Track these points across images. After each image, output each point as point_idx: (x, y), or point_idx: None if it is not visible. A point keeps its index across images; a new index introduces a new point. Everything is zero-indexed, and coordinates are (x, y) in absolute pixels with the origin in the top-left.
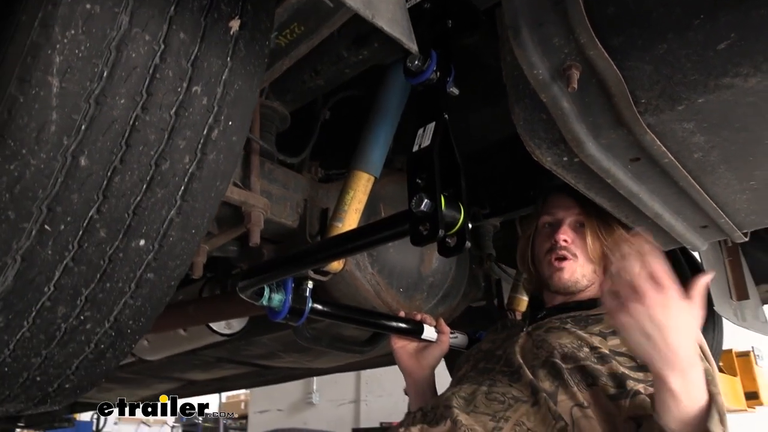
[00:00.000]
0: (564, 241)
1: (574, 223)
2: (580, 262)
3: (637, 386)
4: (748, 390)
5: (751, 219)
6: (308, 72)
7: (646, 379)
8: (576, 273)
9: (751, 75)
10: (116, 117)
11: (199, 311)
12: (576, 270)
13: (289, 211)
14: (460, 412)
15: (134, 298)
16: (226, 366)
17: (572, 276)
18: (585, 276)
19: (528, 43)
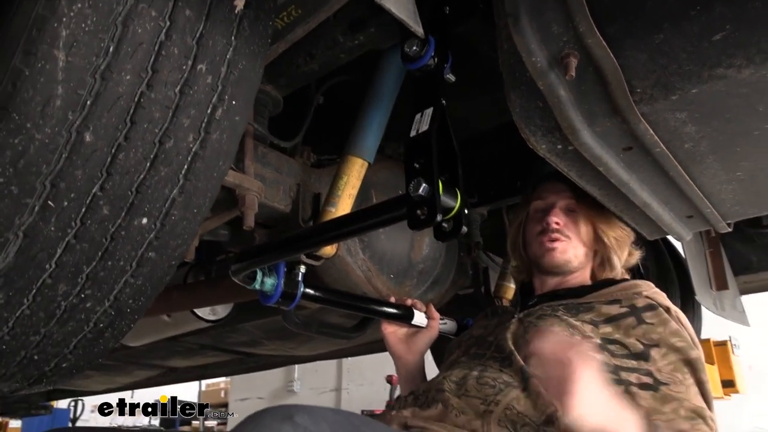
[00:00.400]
0: (556, 224)
1: (565, 207)
2: (573, 244)
3: (629, 377)
4: (724, 378)
5: (736, 209)
6: (303, 56)
7: (639, 367)
8: (568, 253)
9: (744, 66)
10: (122, 93)
11: (185, 297)
12: (568, 250)
13: (282, 195)
14: (452, 395)
15: (135, 277)
16: (208, 353)
17: (564, 255)
18: (577, 257)
19: (527, 30)
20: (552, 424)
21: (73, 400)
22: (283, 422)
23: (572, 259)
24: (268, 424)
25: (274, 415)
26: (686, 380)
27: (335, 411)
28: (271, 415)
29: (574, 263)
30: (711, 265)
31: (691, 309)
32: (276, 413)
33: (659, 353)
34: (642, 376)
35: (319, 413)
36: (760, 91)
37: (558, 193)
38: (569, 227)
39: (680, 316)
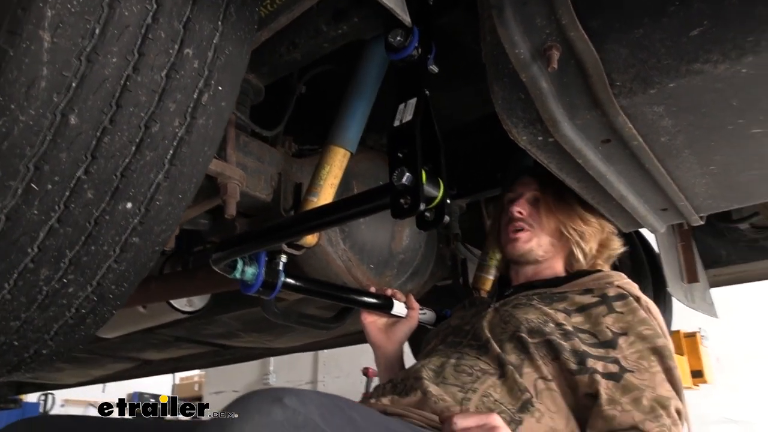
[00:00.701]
0: (519, 213)
1: (531, 198)
2: (536, 233)
3: (596, 364)
4: (693, 369)
5: (708, 203)
6: (285, 45)
7: (606, 356)
8: (531, 242)
9: (720, 62)
10: (107, 76)
11: (162, 287)
12: (531, 240)
13: (263, 184)
14: (430, 383)
15: (118, 262)
16: (183, 345)
17: (527, 244)
18: (541, 246)
19: (511, 22)
20: (527, 410)
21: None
22: (272, 404)
23: (535, 248)
24: (257, 406)
25: (263, 397)
26: (652, 368)
27: (322, 394)
28: (261, 398)
29: (538, 252)
30: (682, 258)
31: (663, 300)
32: (265, 396)
33: (626, 341)
34: (608, 365)
35: (307, 396)
36: (734, 86)
37: (526, 186)
38: (533, 217)
39: (650, 305)
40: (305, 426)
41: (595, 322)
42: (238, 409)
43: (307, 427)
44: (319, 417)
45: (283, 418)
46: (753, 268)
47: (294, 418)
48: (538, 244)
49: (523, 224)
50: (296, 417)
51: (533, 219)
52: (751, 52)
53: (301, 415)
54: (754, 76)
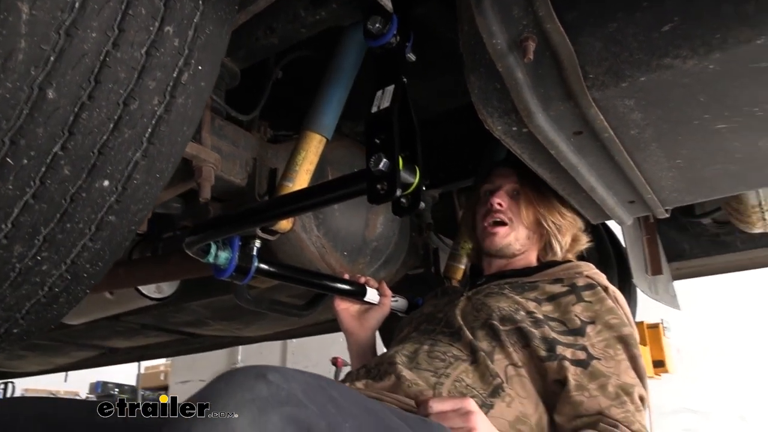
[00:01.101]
0: (498, 205)
1: (510, 190)
2: (514, 227)
3: (565, 351)
4: (655, 359)
5: (674, 196)
6: (263, 29)
7: (575, 343)
8: (509, 237)
9: (689, 57)
10: (87, 51)
11: (131, 273)
12: (509, 234)
13: (238, 169)
14: (404, 368)
15: (94, 240)
16: (150, 333)
17: (504, 239)
18: (518, 240)
19: (489, 12)
20: (498, 395)
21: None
22: (257, 380)
23: (513, 243)
24: (241, 381)
25: (247, 373)
26: (617, 356)
27: (304, 372)
28: (244, 374)
29: (515, 246)
30: (647, 250)
31: (628, 291)
32: (249, 372)
33: (594, 330)
34: (577, 351)
35: (290, 373)
36: (701, 82)
37: (505, 177)
38: (512, 209)
39: (617, 295)
40: (288, 402)
41: (565, 311)
42: (221, 385)
43: (290, 402)
44: (302, 393)
45: (267, 394)
46: (714, 261)
47: (278, 394)
48: (516, 238)
49: (502, 216)
50: (280, 392)
51: (512, 212)
52: (718, 49)
53: (284, 390)
54: (721, 73)
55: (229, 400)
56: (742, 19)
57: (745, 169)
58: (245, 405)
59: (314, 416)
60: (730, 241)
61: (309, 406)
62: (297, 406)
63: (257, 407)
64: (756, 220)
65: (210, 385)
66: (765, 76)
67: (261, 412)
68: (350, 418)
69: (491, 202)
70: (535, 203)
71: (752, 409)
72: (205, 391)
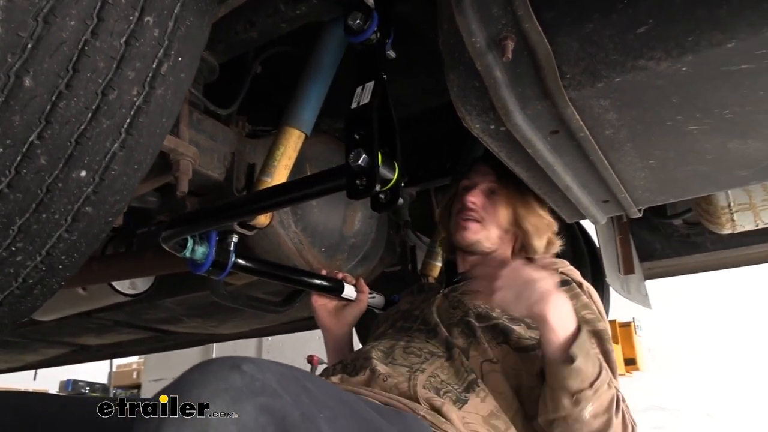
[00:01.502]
0: (472, 203)
1: (486, 189)
2: (485, 226)
3: None
4: (627, 357)
5: (647, 196)
6: (242, 23)
7: None
8: (479, 234)
9: (663, 59)
10: (65, 39)
11: (104, 268)
12: (479, 232)
13: (216, 163)
14: (379, 362)
15: (70, 232)
16: (123, 330)
17: (474, 236)
18: (488, 239)
19: (469, 10)
20: (472, 390)
21: None
22: (231, 370)
23: (482, 240)
24: (215, 371)
25: (221, 364)
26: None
27: (279, 363)
28: (219, 364)
29: (484, 244)
30: (620, 250)
31: (601, 290)
32: (223, 362)
33: None
34: None
35: (264, 364)
36: (675, 83)
37: (483, 176)
38: (486, 209)
39: (591, 291)
40: (263, 392)
41: None
42: (195, 375)
43: (264, 393)
44: (277, 383)
45: (241, 384)
46: (685, 261)
47: (252, 384)
48: (486, 237)
49: (474, 215)
50: (254, 383)
51: (486, 211)
52: (691, 51)
53: (258, 381)
54: (693, 75)
55: (203, 390)
56: (715, 23)
57: (715, 170)
58: (219, 395)
59: (288, 406)
60: (700, 241)
61: (283, 396)
62: (271, 396)
63: (231, 397)
64: (725, 221)
65: (184, 375)
66: (735, 79)
67: (234, 401)
68: (324, 408)
69: (465, 199)
70: (515, 203)
71: (719, 406)
72: (179, 381)
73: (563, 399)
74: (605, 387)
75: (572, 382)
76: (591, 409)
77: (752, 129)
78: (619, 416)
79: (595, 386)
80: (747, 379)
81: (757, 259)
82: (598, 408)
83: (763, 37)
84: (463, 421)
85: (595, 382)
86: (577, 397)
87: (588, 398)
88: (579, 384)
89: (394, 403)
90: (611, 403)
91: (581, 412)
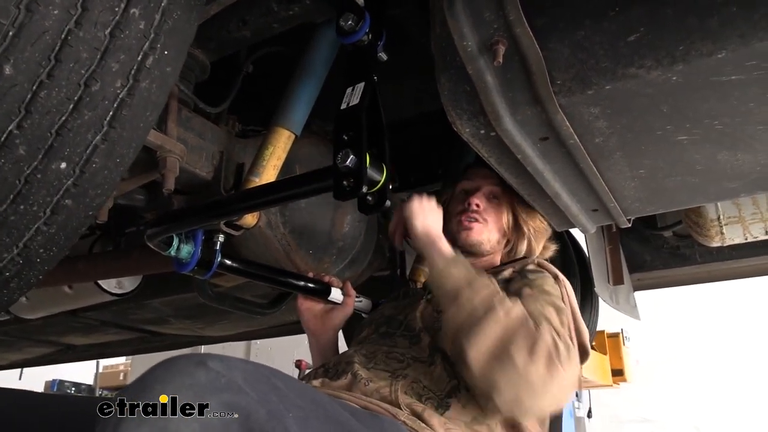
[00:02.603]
0: (476, 206)
1: (489, 192)
2: (488, 228)
3: None
4: (615, 368)
5: (636, 206)
6: (235, 21)
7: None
8: (482, 235)
9: (654, 68)
10: (48, 28)
11: (91, 266)
12: (483, 232)
13: (204, 161)
14: (361, 367)
15: (48, 224)
16: (109, 330)
17: (479, 236)
18: (489, 241)
19: (461, 14)
20: (454, 395)
21: None
22: (197, 367)
23: (485, 242)
24: (182, 368)
25: (187, 360)
26: (540, 302)
27: (248, 361)
28: (185, 361)
29: (486, 246)
30: (609, 260)
31: (590, 300)
32: (189, 359)
33: (526, 293)
34: None
35: (232, 361)
36: (665, 92)
37: (485, 179)
38: (488, 212)
39: (565, 283)
40: (228, 389)
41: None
42: (160, 371)
43: (230, 390)
44: (243, 381)
45: (206, 381)
46: (674, 273)
47: (217, 380)
48: (488, 238)
49: (477, 217)
50: (219, 379)
51: (488, 213)
52: (681, 61)
53: (224, 378)
54: (683, 84)
55: (167, 386)
56: (706, 32)
57: (704, 181)
58: (182, 391)
59: (254, 403)
60: (689, 254)
61: (249, 394)
62: (236, 393)
63: (194, 393)
64: (714, 234)
65: (150, 371)
66: (725, 90)
67: (198, 398)
68: (294, 408)
69: (470, 201)
70: (517, 207)
71: (707, 419)
72: (144, 377)
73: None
74: (492, 293)
75: (446, 282)
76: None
77: (742, 141)
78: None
79: (474, 285)
80: (735, 392)
81: (747, 273)
82: (480, 303)
83: (753, 48)
84: (445, 427)
85: (474, 283)
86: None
87: (464, 294)
88: (452, 282)
89: (374, 407)
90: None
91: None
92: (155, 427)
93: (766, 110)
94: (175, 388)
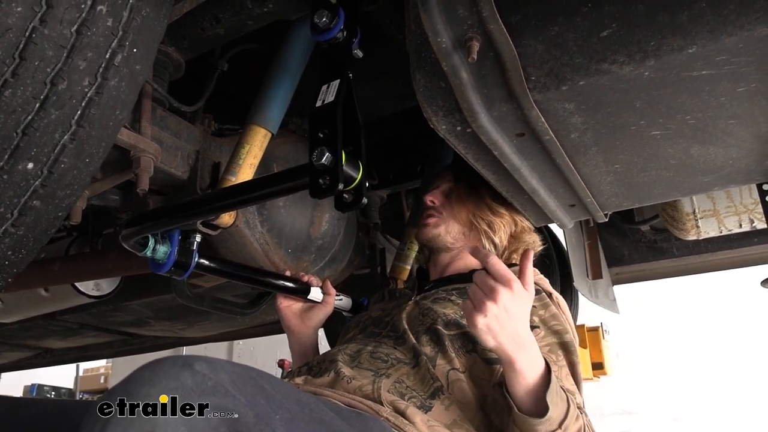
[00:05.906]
0: (431, 202)
1: (446, 189)
2: (444, 220)
3: None
4: (594, 361)
5: (612, 201)
6: (209, 19)
7: None
8: (439, 228)
9: (626, 63)
10: (11, 25)
11: (67, 269)
12: (439, 226)
13: (179, 161)
14: (344, 365)
15: (16, 226)
16: (88, 333)
17: (436, 229)
18: (449, 233)
19: (434, 10)
20: (437, 397)
21: None
22: (182, 369)
23: (443, 234)
24: (167, 370)
25: (173, 362)
26: (559, 361)
27: (235, 363)
28: (171, 363)
29: (446, 238)
30: (588, 255)
31: (570, 295)
32: (175, 361)
33: (539, 335)
34: None
35: (218, 363)
36: (637, 88)
37: (442, 179)
38: (445, 207)
39: (560, 301)
40: (215, 392)
41: None
42: (146, 373)
43: (217, 393)
44: (230, 384)
45: (192, 383)
46: (651, 267)
47: (203, 383)
48: (447, 230)
49: (433, 212)
50: (206, 382)
51: (444, 208)
52: (653, 56)
53: (210, 380)
54: (655, 80)
55: (152, 389)
56: (676, 28)
57: (678, 175)
58: (168, 394)
59: (241, 406)
60: (666, 247)
61: (237, 397)
62: (224, 397)
63: (180, 396)
64: (690, 227)
65: (135, 373)
66: (696, 85)
67: (184, 401)
68: (281, 410)
69: (424, 199)
70: (466, 200)
71: (685, 410)
72: (129, 379)
73: None
74: (573, 420)
75: (542, 428)
76: None
77: (713, 135)
78: None
79: (564, 425)
80: (713, 384)
81: (722, 265)
82: None
83: (722, 43)
84: (428, 425)
85: (564, 421)
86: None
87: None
88: (548, 427)
89: (357, 404)
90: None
91: None
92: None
93: (737, 105)
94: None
